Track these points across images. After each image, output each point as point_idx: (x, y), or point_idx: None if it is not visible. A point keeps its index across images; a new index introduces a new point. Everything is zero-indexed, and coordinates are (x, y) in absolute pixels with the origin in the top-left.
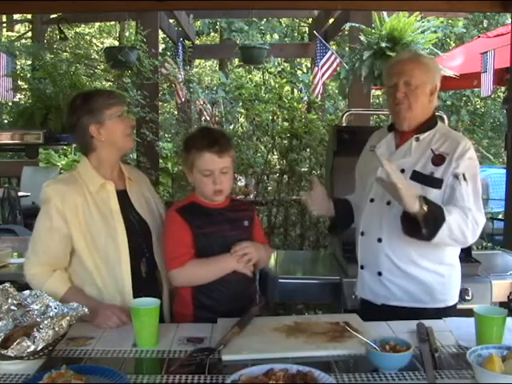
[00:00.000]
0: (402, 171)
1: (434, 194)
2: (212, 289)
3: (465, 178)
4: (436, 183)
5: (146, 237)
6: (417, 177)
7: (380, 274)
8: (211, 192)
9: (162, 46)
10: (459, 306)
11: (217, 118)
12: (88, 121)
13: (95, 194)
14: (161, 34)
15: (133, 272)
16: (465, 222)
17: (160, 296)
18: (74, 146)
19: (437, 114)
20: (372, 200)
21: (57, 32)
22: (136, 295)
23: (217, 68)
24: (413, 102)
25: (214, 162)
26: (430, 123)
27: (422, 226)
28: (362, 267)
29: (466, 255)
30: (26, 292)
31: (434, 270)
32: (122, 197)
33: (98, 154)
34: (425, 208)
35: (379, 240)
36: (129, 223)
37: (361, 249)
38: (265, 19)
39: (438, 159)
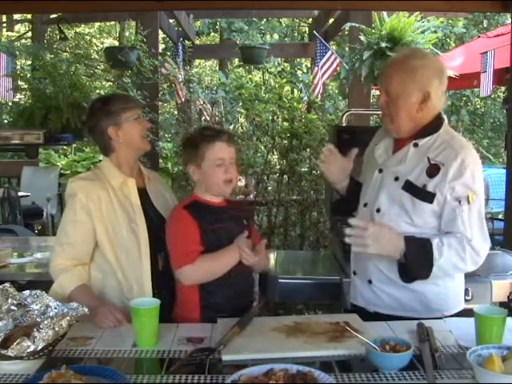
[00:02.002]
0: (396, 179)
1: (423, 208)
2: (219, 286)
3: (468, 201)
4: (427, 197)
5: (164, 232)
6: (409, 187)
7: (370, 281)
8: (222, 182)
9: (162, 46)
10: None
11: (217, 118)
12: (106, 123)
13: (117, 189)
14: (161, 34)
15: (151, 265)
16: (460, 258)
17: (174, 291)
18: (73, 146)
19: None
20: (365, 205)
21: (57, 32)
22: (152, 288)
23: (217, 68)
24: (394, 113)
25: (225, 150)
26: (430, 128)
27: (411, 272)
28: (354, 273)
29: None
30: (26, 292)
31: (427, 280)
32: (142, 194)
33: (117, 154)
34: (401, 255)
35: None
36: (148, 218)
37: (353, 255)
38: (265, 19)
39: (433, 169)
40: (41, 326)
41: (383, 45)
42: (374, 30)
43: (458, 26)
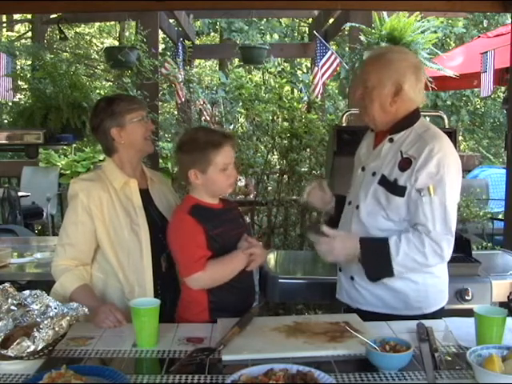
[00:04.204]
0: (374, 174)
1: (397, 202)
2: (227, 288)
3: (429, 192)
4: (399, 191)
5: (166, 233)
6: (383, 182)
7: (353, 278)
8: (226, 186)
9: (161, 46)
10: (459, 307)
11: (217, 118)
12: (110, 124)
13: (119, 190)
14: (161, 34)
15: (153, 266)
16: (420, 252)
17: (178, 292)
18: (73, 146)
19: (437, 114)
20: (350, 203)
21: (57, 32)
22: (155, 289)
23: (217, 68)
24: (368, 104)
25: (231, 155)
26: (404, 122)
27: (371, 271)
28: (339, 269)
29: (466, 255)
30: (26, 292)
31: (406, 277)
32: (145, 195)
33: (119, 155)
34: (359, 261)
35: None
36: (150, 219)
37: None
38: (265, 19)
39: (405, 163)
40: (41, 326)
41: (383, 45)
42: (373, 30)
43: (458, 26)
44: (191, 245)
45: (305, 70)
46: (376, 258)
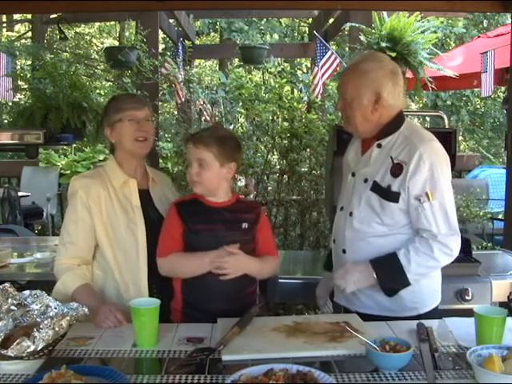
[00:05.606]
0: (365, 181)
1: (391, 208)
2: (200, 286)
3: (428, 198)
4: (393, 197)
5: None
6: (376, 188)
7: None
8: (190, 181)
9: (161, 46)
10: (459, 307)
11: (217, 118)
12: (105, 122)
13: (118, 189)
14: (161, 34)
15: (149, 266)
16: (431, 258)
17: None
18: (73, 146)
19: (437, 114)
20: (342, 208)
21: (57, 32)
22: (151, 289)
23: (217, 68)
24: (350, 115)
25: (193, 152)
26: (390, 127)
27: (388, 286)
28: None
29: (465, 255)
30: (26, 292)
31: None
32: (144, 195)
33: (117, 153)
34: (374, 277)
35: (343, 251)
36: (149, 219)
37: (334, 256)
38: (265, 19)
39: (397, 168)
40: (41, 326)
41: (383, 45)
42: (373, 30)
43: (458, 26)
44: (164, 233)
45: (305, 70)
46: (390, 273)
